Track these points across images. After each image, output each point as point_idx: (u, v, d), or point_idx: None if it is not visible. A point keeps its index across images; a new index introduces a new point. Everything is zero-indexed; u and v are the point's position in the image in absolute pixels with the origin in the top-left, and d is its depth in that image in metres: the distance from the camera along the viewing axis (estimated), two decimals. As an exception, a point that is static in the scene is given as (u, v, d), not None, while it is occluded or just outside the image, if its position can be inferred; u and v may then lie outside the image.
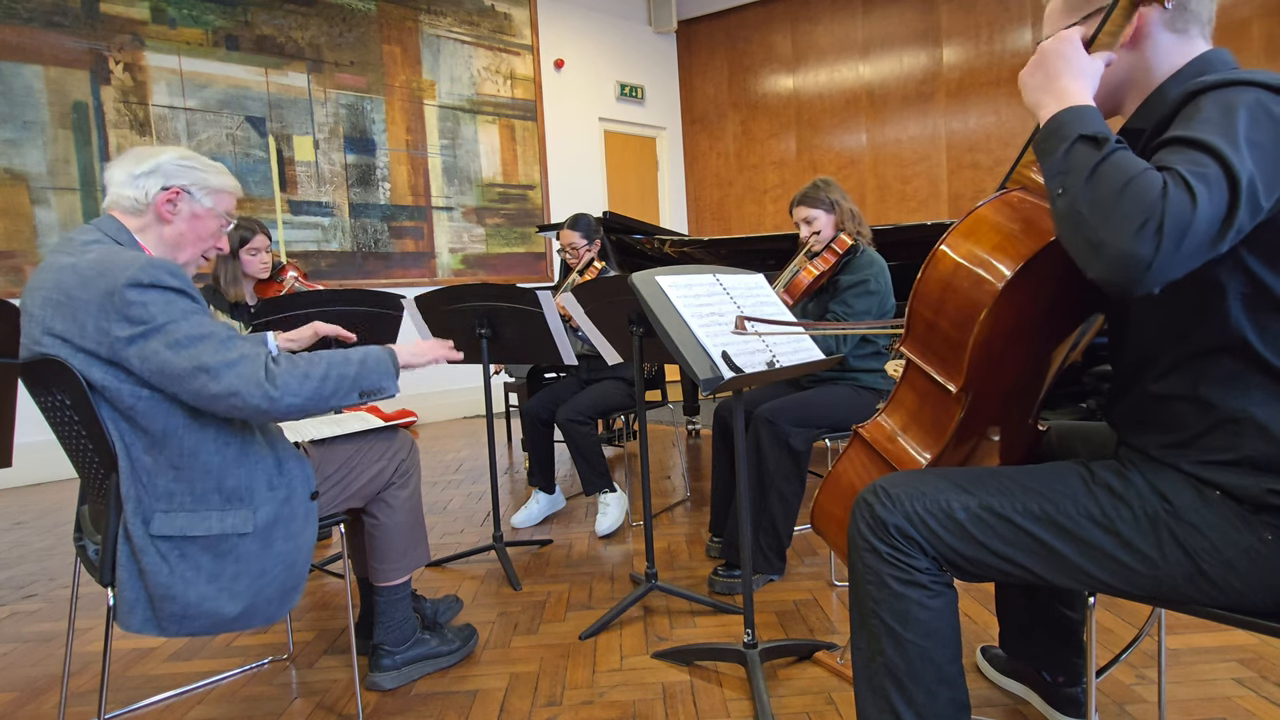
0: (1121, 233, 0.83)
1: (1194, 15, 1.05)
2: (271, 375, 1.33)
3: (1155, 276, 0.83)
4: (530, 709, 1.70)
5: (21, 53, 4.31)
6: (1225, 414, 0.99)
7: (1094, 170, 0.88)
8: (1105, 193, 0.86)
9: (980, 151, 6.37)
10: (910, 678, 1.10)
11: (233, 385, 1.29)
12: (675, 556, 2.64)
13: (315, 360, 1.41)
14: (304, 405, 1.37)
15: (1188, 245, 0.82)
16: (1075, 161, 0.91)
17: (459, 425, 5.68)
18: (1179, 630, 1.89)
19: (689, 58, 7.77)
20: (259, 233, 2.87)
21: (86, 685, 1.92)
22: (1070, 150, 0.92)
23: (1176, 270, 0.84)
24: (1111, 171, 0.87)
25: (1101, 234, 0.85)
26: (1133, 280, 0.84)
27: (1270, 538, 0.96)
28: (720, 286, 1.75)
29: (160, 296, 1.29)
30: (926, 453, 1.25)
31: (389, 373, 1.51)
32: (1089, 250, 0.87)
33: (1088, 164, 0.89)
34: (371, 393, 1.48)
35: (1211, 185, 0.83)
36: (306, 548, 1.48)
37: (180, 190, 1.46)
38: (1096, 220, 0.86)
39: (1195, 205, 0.82)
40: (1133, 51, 1.07)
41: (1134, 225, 0.82)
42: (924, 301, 1.17)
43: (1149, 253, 0.82)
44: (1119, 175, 0.86)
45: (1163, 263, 0.82)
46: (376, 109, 5.69)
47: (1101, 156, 0.89)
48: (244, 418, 1.37)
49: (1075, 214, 0.89)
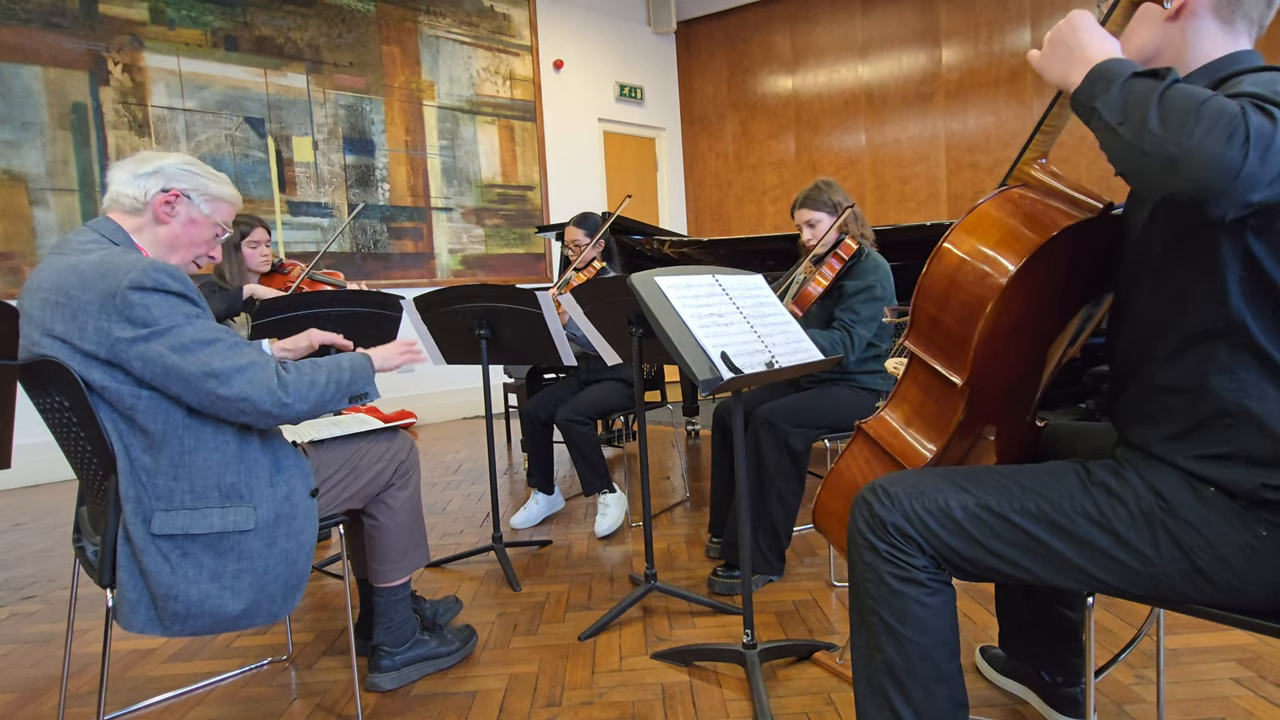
0: (1210, 141, 0.82)
1: (1243, 10, 1.04)
2: (284, 383, 1.39)
3: (1244, 188, 0.82)
4: (530, 710, 1.70)
5: (20, 53, 4.31)
6: (1221, 406, 0.99)
7: (1162, 95, 0.87)
8: (1181, 110, 0.85)
9: (979, 152, 6.37)
10: (909, 675, 1.10)
11: (243, 390, 1.33)
12: (675, 557, 2.64)
13: (317, 367, 1.48)
14: (309, 411, 1.44)
15: (1272, 162, 0.82)
16: (1136, 93, 0.89)
17: (458, 426, 5.68)
18: (1177, 630, 1.89)
19: (688, 58, 7.78)
20: (257, 226, 2.91)
21: (86, 686, 1.92)
22: (1127, 84, 0.91)
23: (1260, 189, 0.82)
24: (1181, 94, 0.86)
25: (1186, 144, 0.83)
26: (1221, 190, 0.82)
27: (1265, 534, 0.97)
28: (719, 287, 1.75)
29: (162, 300, 1.30)
30: (931, 445, 1.25)
31: (370, 378, 1.59)
32: (1169, 167, 0.85)
33: (1153, 92, 0.88)
34: (358, 397, 1.55)
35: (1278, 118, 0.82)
36: (308, 545, 1.48)
37: (180, 194, 1.47)
38: (1176, 135, 0.84)
39: (1275, 124, 0.81)
40: (1173, 25, 1.06)
41: (1222, 134, 0.81)
42: (928, 297, 1.18)
43: (1238, 160, 0.81)
44: (1191, 96, 0.85)
45: (1250, 173, 0.81)
46: (376, 110, 5.70)
47: (1167, 84, 0.88)
48: (249, 422, 1.39)
49: (1148, 135, 0.86)
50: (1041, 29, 6.01)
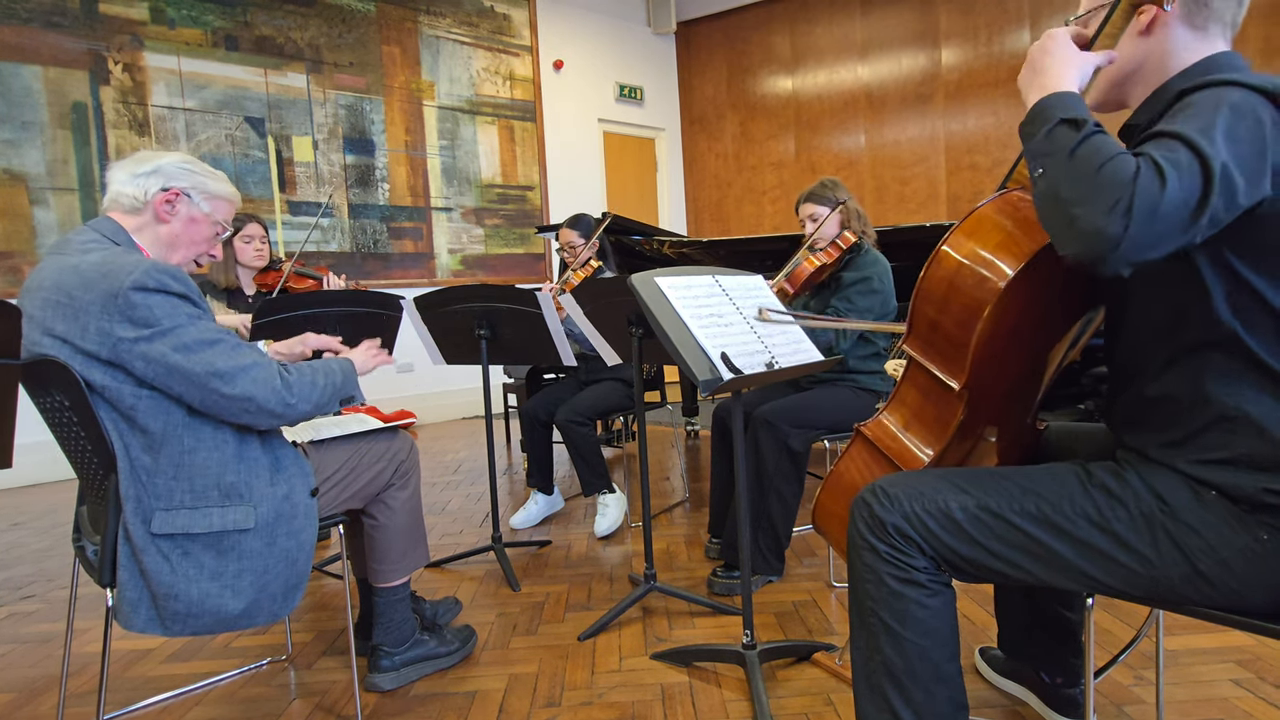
0: (1094, 211, 0.86)
1: (1215, 13, 1.05)
2: (288, 383, 1.41)
3: (1124, 255, 0.86)
4: (529, 710, 1.70)
5: (20, 53, 4.31)
6: (1220, 412, 1.00)
7: (1073, 151, 0.91)
8: (1082, 173, 0.89)
9: (979, 153, 6.38)
10: (908, 676, 1.10)
11: (247, 390, 1.34)
12: (674, 557, 2.64)
13: (315, 369, 1.50)
14: (311, 411, 1.46)
15: (1157, 226, 0.85)
16: (1055, 143, 0.94)
17: (458, 426, 5.68)
18: (1177, 631, 1.89)
19: (688, 59, 7.78)
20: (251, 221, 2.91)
21: (85, 686, 1.92)
22: (1051, 132, 0.95)
23: (1146, 251, 0.86)
24: (1088, 153, 0.90)
25: (1075, 211, 0.88)
26: (1101, 257, 0.87)
27: (1266, 537, 0.97)
28: (719, 288, 1.76)
29: (164, 300, 1.30)
30: (929, 449, 1.25)
31: (356, 382, 1.62)
32: (1064, 228, 0.91)
33: (1067, 145, 0.92)
34: (346, 400, 1.58)
35: (1183, 170, 0.85)
36: (308, 545, 1.48)
37: (179, 192, 1.47)
38: (1072, 199, 0.89)
39: (1165, 187, 0.84)
40: (1147, 40, 1.07)
41: (1107, 204, 0.86)
42: (927, 300, 1.18)
43: (1118, 231, 0.85)
44: (1095, 157, 0.89)
45: (1131, 242, 0.85)
46: (376, 110, 5.69)
47: (1080, 138, 0.91)
48: (251, 423, 1.39)
49: (1054, 193, 0.92)
50: (1041, 30, 6.00)
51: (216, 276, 2.91)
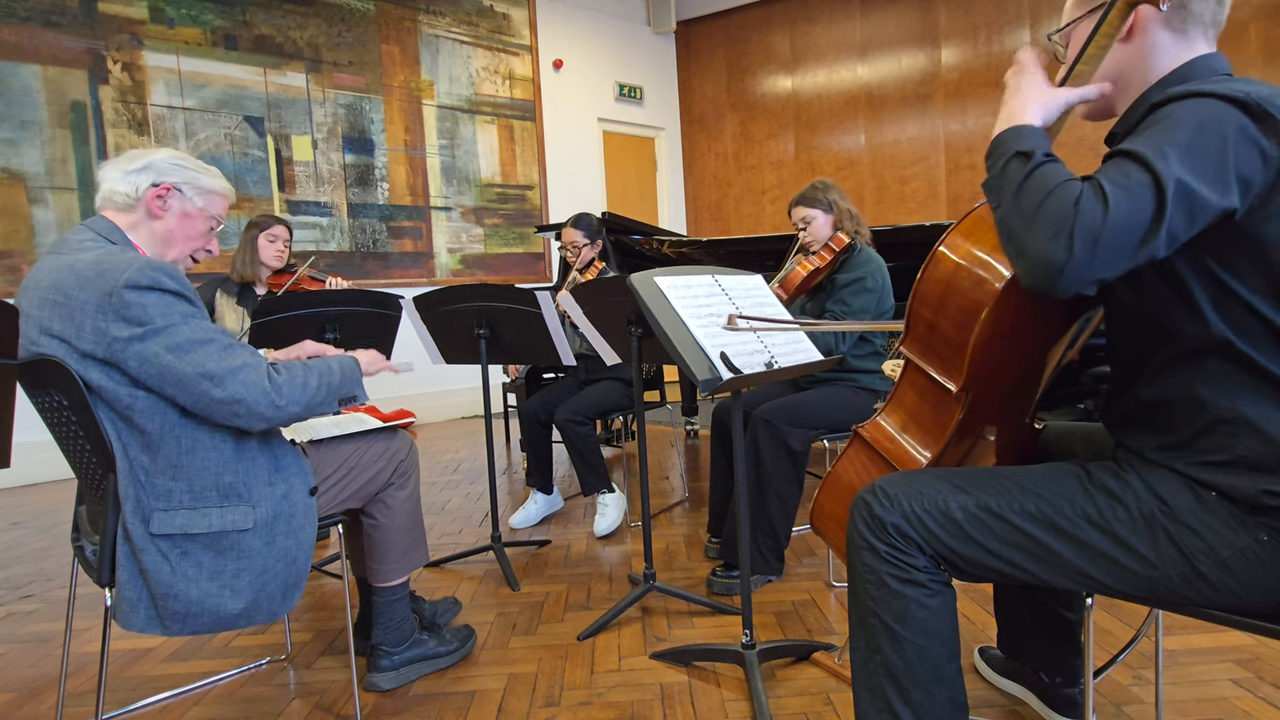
0: (1037, 240, 0.90)
1: (1194, 16, 1.05)
2: (276, 385, 1.38)
3: (1070, 280, 0.89)
4: (528, 709, 1.70)
5: (19, 52, 4.30)
6: (1218, 414, 1.00)
7: (1021, 184, 0.95)
8: (1028, 204, 0.93)
9: (978, 153, 6.37)
10: (908, 677, 1.10)
11: (237, 393, 1.32)
12: (673, 557, 2.64)
13: (309, 370, 1.47)
14: (300, 414, 1.43)
15: (1104, 250, 0.87)
16: (1008, 177, 0.98)
17: (457, 425, 5.68)
18: (1176, 631, 1.90)
19: (688, 58, 7.77)
20: (279, 224, 3.00)
21: (84, 686, 1.92)
22: (1005, 166, 0.99)
23: (1096, 272, 0.88)
24: (1035, 184, 0.93)
25: (1024, 241, 0.92)
26: (1048, 283, 0.90)
27: (1266, 539, 0.97)
28: (719, 287, 1.75)
29: (159, 299, 1.29)
30: (926, 451, 1.25)
31: (359, 380, 1.58)
32: (1016, 257, 0.95)
33: (1016, 178, 0.96)
34: (346, 400, 1.55)
35: (1132, 192, 0.87)
36: (307, 544, 1.48)
37: (171, 187, 1.47)
38: (1020, 229, 0.93)
39: (1108, 210, 0.86)
40: (1128, 45, 1.08)
41: (1049, 232, 0.89)
42: (924, 302, 1.18)
43: (1062, 258, 0.88)
44: (1041, 187, 0.92)
45: (1077, 266, 0.88)
46: (375, 109, 5.69)
47: (1027, 171, 0.95)
48: (242, 425, 1.38)
49: (1006, 225, 0.97)
50: (1040, 29, 6.02)
51: (241, 270, 2.95)
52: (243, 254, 2.98)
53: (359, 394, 1.57)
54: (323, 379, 1.48)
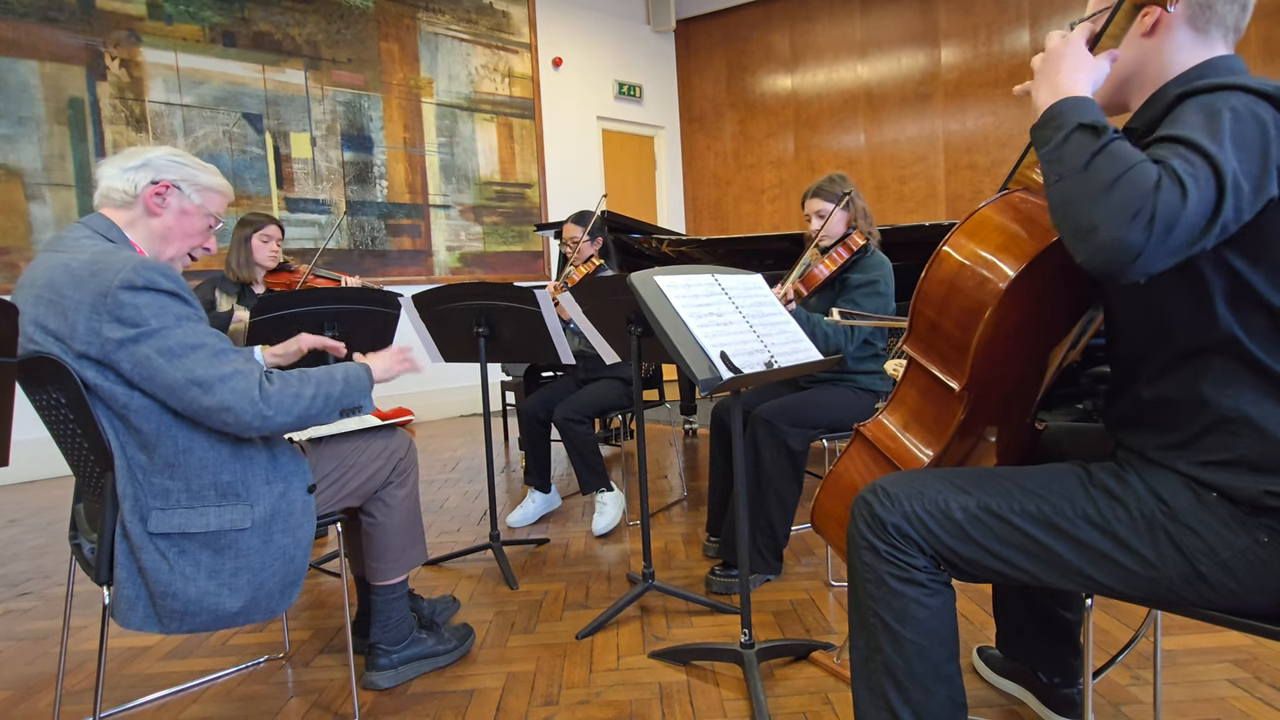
0: (1114, 220, 0.85)
1: (1217, 17, 1.05)
2: (266, 394, 1.34)
3: (1142, 266, 0.85)
4: (527, 708, 1.70)
5: (17, 48, 4.29)
6: (1220, 414, 1.00)
7: (1091, 158, 0.90)
8: (1100, 180, 0.88)
9: (978, 152, 6.38)
10: (907, 676, 1.10)
11: (225, 400, 1.30)
12: (672, 556, 2.64)
13: (305, 379, 1.42)
14: (292, 425, 1.39)
15: (1175, 238, 0.84)
16: (1072, 148, 0.92)
17: (456, 424, 5.68)
18: (1174, 631, 1.90)
19: (687, 57, 7.77)
20: (272, 223, 2.99)
21: (82, 684, 1.91)
22: (1068, 138, 0.94)
23: (1162, 262, 0.86)
24: (1107, 160, 0.88)
25: (1095, 219, 0.87)
26: (1120, 267, 0.86)
27: (1267, 540, 0.97)
28: (718, 286, 1.75)
29: (153, 299, 1.28)
30: (928, 450, 1.25)
31: (366, 390, 1.53)
32: (1080, 235, 0.89)
33: (1085, 151, 0.91)
34: (350, 410, 1.49)
35: (1200, 182, 0.84)
36: (305, 541, 1.48)
37: (169, 185, 1.46)
38: (1090, 206, 0.88)
39: (1186, 200, 0.83)
40: (1149, 41, 1.07)
41: (1128, 213, 0.84)
42: (927, 301, 1.18)
43: (1140, 241, 0.84)
44: (1115, 164, 0.87)
45: (1151, 253, 0.84)
46: (374, 106, 5.68)
47: (1100, 145, 0.90)
48: (232, 432, 1.36)
49: (1070, 200, 0.91)
50: (1040, 29, 6.02)
51: (237, 272, 2.93)
52: (236, 255, 2.94)
53: (365, 404, 1.52)
54: (320, 389, 1.43)
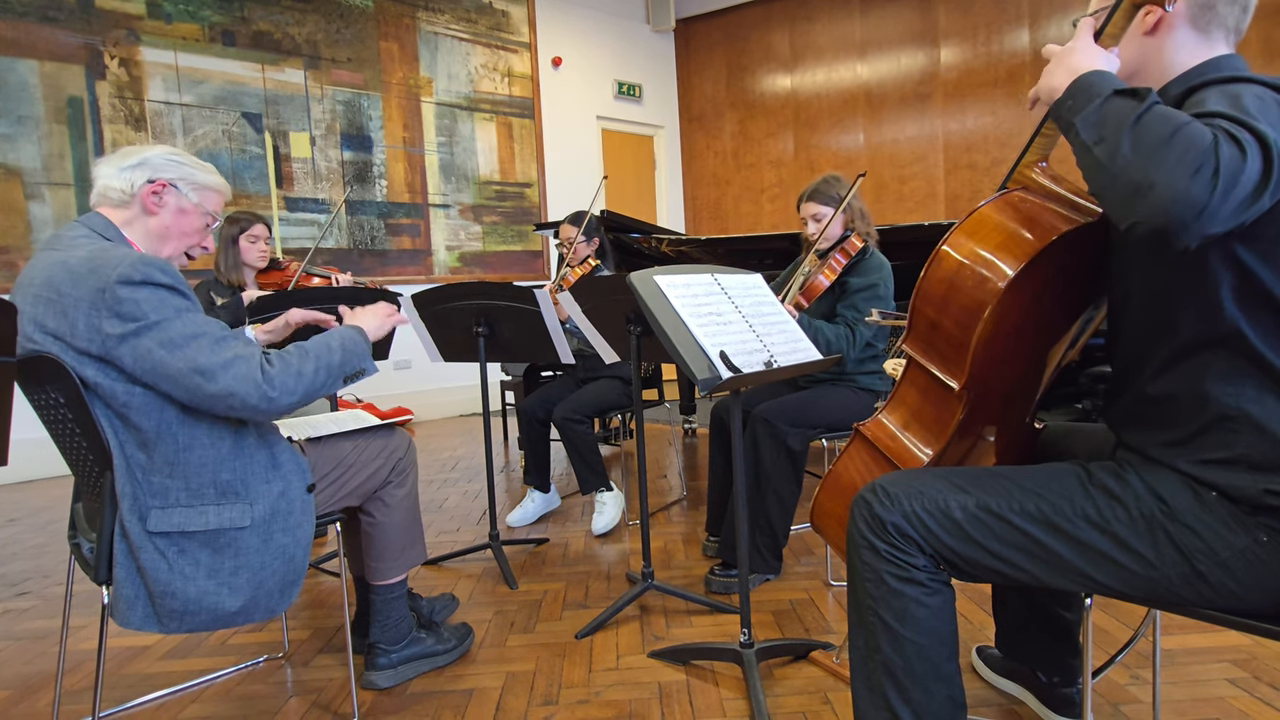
0: (1177, 174, 0.82)
1: (1219, 18, 1.05)
2: (269, 376, 1.35)
3: (1205, 223, 0.82)
4: (526, 708, 1.70)
5: (16, 47, 4.28)
6: (1221, 411, 1.00)
7: (1139, 118, 0.87)
8: (1154, 138, 0.85)
9: (977, 152, 6.38)
10: (907, 675, 1.10)
11: (229, 386, 1.30)
12: (671, 556, 2.64)
13: (303, 355, 1.42)
14: (300, 402, 1.39)
15: (1235, 196, 0.82)
16: (1115, 111, 0.90)
17: (455, 423, 5.68)
18: (1174, 631, 1.90)
19: (687, 56, 7.77)
20: (257, 222, 2.97)
21: (81, 683, 1.91)
22: (1107, 102, 0.92)
23: (1223, 222, 0.83)
24: (1157, 119, 0.86)
25: (1153, 176, 0.84)
26: (1182, 225, 0.83)
27: (1266, 539, 0.97)
28: (718, 286, 1.75)
29: (152, 294, 1.28)
30: (928, 449, 1.25)
31: (365, 353, 1.52)
32: (1134, 194, 0.85)
33: (1130, 112, 0.88)
34: (354, 375, 1.49)
35: (1251, 146, 0.83)
36: (305, 540, 1.48)
37: (166, 183, 1.46)
38: (1146, 163, 0.85)
39: (1245, 159, 0.82)
40: (1150, 40, 1.07)
41: (1190, 168, 0.82)
42: (927, 300, 1.18)
43: (1204, 196, 0.81)
44: (1166, 122, 0.85)
45: (1215, 209, 0.82)
46: (373, 106, 5.68)
47: (1145, 106, 0.88)
48: (240, 417, 1.37)
49: (1119, 159, 0.87)
50: (1040, 29, 6.02)
51: (227, 274, 2.92)
52: (224, 257, 2.91)
53: (367, 367, 1.51)
54: (320, 361, 1.42)
